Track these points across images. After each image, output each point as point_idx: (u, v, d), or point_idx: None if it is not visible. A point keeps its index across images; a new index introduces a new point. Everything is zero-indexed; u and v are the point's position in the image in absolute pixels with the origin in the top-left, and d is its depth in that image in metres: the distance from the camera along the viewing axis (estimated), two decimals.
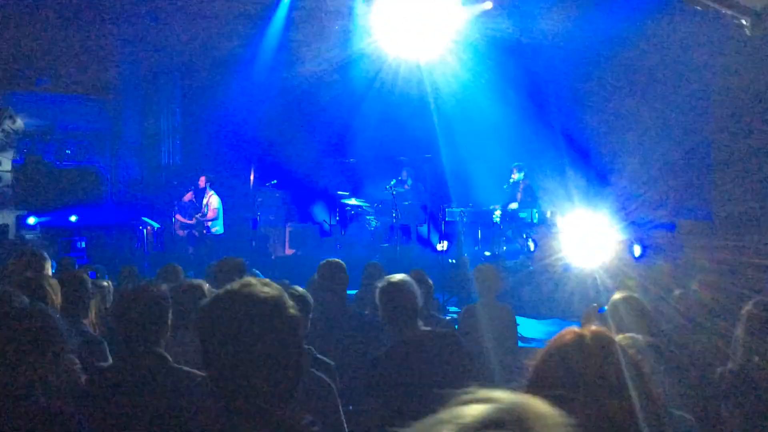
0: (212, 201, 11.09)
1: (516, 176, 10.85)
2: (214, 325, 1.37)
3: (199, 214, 11.08)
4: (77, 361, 2.90)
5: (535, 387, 1.35)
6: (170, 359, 2.68)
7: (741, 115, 8.15)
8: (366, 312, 4.47)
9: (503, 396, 0.80)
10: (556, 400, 0.83)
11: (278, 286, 1.43)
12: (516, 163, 10.90)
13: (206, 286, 3.44)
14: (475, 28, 10.42)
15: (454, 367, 2.96)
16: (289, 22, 13.13)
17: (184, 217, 11.32)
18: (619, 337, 3.20)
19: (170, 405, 2.52)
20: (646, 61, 10.60)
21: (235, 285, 1.41)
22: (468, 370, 2.99)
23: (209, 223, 11.08)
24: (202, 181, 11.16)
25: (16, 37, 11.60)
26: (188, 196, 11.41)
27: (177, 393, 2.53)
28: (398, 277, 3.20)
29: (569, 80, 11.21)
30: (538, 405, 0.81)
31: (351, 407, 3.14)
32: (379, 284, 3.18)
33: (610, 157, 10.87)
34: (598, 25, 10.46)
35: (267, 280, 1.46)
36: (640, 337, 2.65)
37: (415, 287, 3.13)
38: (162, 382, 2.56)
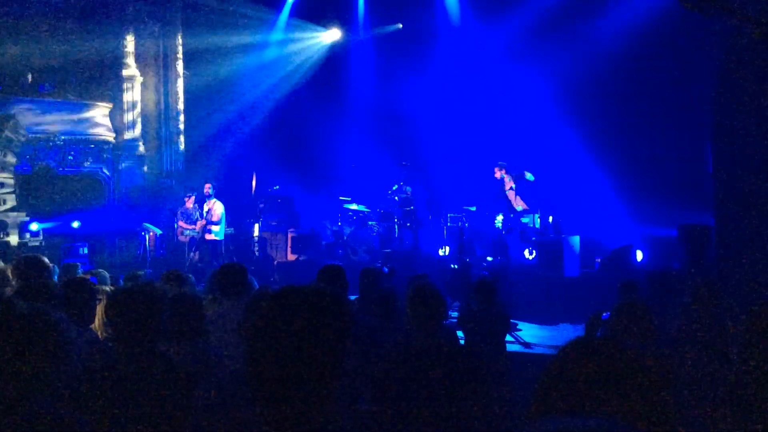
0: (216, 207, 11.24)
1: (498, 174, 10.79)
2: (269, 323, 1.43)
3: (203, 221, 11.20)
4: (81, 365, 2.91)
5: (544, 397, 1.34)
6: (167, 355, 2.69)
7: (743, 118, 8.14)
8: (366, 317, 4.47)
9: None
10: (568, 410, 0.82)
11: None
12: (499, 163, 10.84)
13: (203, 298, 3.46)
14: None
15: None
16: (290, 25, 13.24)
17: (187, 222, 11.37)
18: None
19: (169, 400, 2.54)
20: (646, 62, 10.63)
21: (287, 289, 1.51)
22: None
23: (210, 227, 11.17)
24: (207, 188, 11.28)
25: (20, 43, 11.66)
26: (190, 202, 11.47)
27: (175, 388, 2.55)
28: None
29: (569, 82, 11.22)
30: None
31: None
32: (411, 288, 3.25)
33: (607, 162, 10.86)
34: (599, 28, 10.52)
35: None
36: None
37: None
38: (160, 378, 2.58)
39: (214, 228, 11.26)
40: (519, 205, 10.61)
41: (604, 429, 0.77)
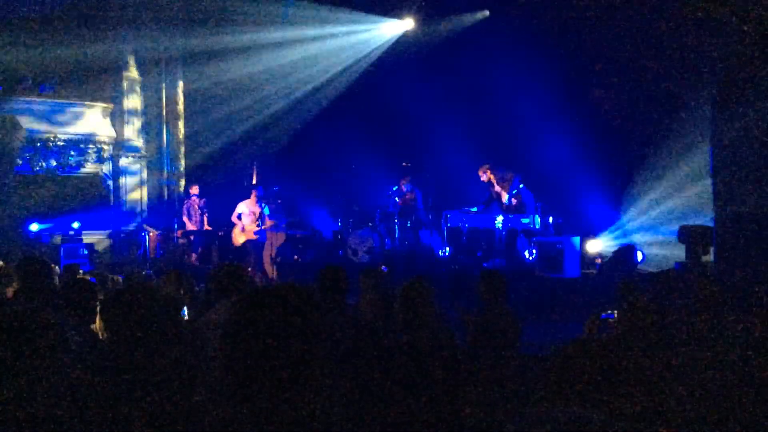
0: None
1: (485, 177, 10.81)
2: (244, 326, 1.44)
3: (257, 225, 11.66)
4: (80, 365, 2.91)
5: (544, 396, 1.34)
6: (164, 352, 2.69)
7: (744, 119, 8.15)
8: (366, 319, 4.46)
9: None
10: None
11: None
12: (486, 165, 10.86)
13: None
14: None
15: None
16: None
17: (191, 222, 11.46)
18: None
19: (168, 400, 2.54)
20: (647, 63, 10.64)
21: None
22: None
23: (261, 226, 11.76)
24: (254, 195, 11.57)
25: (21, 44, 11.67)
26: (195, 201, 11.56)
27: (174, 388, 2.56)
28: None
29: (572, 83, 11.23)
30: None
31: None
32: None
33: (608, 163, 10.88)
34: (596, 30, 10.53)
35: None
36: None
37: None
38: (159, 378, 2.58)
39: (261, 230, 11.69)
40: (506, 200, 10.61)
41: (600, 425, 0.77)
